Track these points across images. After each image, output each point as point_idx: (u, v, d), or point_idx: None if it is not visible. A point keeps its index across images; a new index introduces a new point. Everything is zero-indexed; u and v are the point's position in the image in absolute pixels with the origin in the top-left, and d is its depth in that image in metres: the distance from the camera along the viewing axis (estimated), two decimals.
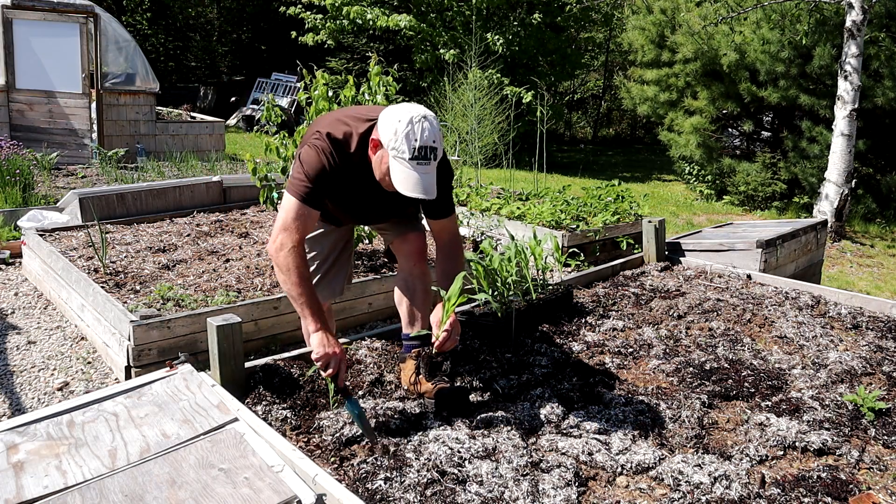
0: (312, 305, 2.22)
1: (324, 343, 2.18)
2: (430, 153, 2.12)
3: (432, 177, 2.15)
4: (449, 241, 2.51)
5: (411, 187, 2.12)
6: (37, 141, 9.13)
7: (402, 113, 2.13)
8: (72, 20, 9.44)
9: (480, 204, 6.22)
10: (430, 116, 2.16)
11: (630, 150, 18.81)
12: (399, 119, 2.12)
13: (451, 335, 2.27)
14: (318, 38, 14.12)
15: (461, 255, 2.52)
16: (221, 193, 6.37)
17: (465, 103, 8.37)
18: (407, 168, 2.12)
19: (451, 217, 2.50)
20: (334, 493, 1.76)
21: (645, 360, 2.89)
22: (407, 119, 2.11)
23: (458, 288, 2.27)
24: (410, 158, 2.10)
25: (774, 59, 9.49)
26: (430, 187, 2.13)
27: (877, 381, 2.71)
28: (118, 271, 4.36)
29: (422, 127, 2.10)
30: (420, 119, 2.11)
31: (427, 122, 2.12)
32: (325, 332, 2.20)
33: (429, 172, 2.13)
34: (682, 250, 4.47)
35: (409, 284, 2.66)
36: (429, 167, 2.13)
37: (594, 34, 19.39)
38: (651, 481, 2.03)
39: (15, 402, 3.26)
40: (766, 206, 10.24)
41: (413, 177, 2.11)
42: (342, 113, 2.41)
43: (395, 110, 2.16)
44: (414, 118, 2.11)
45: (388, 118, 2.15)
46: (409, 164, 2.11)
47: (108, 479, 1.80)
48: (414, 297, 2.65)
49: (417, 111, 2.14)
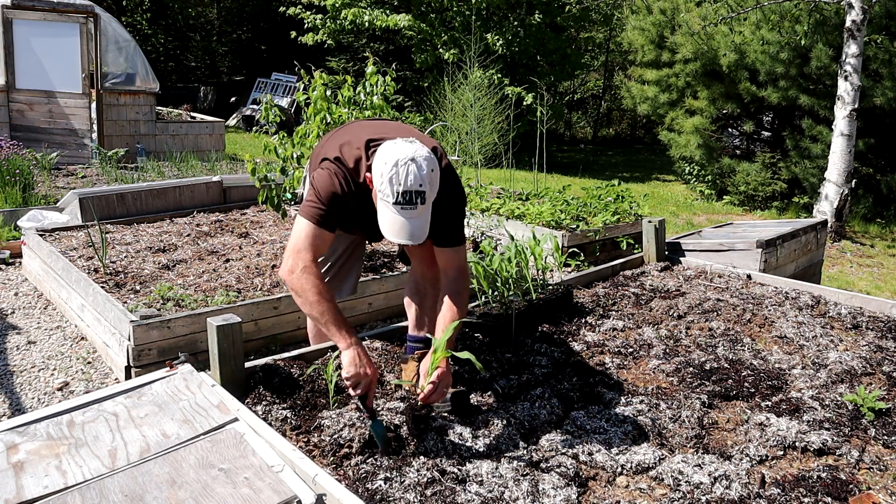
0: (337, 321, 2.14)
1: (356, 363, 2.09)
2: (416, 197, 2.01)
3: (420, 220, 2.06)
4: (454, 278, 2.36)
5: (395, 232, 2.05)
6: (37, 141, 9.13)
7: (389, 154, 2.04)
8: (72, 20, 9.44)
9: (480, 204, 6.21)
10: (420, 157, 2.03)
11: (630, 150, 18.81)
12: (385, 161, 2.03)
13: (438, 388, 2.14)
14: (317, 38, 14.13)
15: (465, 296, 2.37)
16: (221, 193, 6.37)
17: (464, 103, 8.37)
18: (391, 212, 2.04)
19: (457, 248, 2.36)
20: (334, 493, 1.76)
21: (645, 360, 2.89)
22: (392, 162, 2.01)
23: (444, 340, 2.14)
24: (394, 203, 2.02)
25: (774, 59, 9.49)
26: (416, 231, 2.05)
27: (877, 381, 2.71)
28: (118, 271, 4.36)
29: (407, 171, 2.00)
30: (406, 162, 2.00)
31: (414, 164, 2.01)
32: (356, 349, 2.11)
33: (415, 217, 2.04)
34: (682, 250, 4.47)
35: (419, 288, 2.64)
36: (414, 211, 2.03)
37: (594, 34, 19.39)
38: (651, 481, 2.03)
39: (15, 402, 3.26)
40: (766, 206, 10.24)
41: (398, 221, 2.04)
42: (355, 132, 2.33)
43: (386, 150, 2.07)
44: (400, 161, 2.01)
45: (378, 158, 2.07)
46: (393, 208, 2.03)
47: (108, 479, 1.80)
48: (423, 301, 2.63)
49: (405, 153, 2.02)
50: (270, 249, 4.89)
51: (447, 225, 2.31)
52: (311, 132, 4.31)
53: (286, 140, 4.47)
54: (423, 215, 2.06)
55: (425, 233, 2.08)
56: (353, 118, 4.39)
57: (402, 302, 4.19)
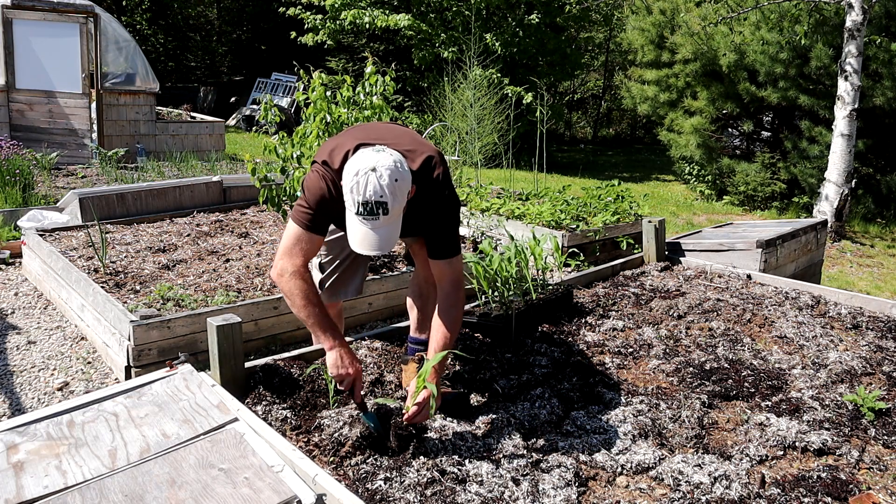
0: (322, 323, 2.17)
1: (338, 364, 2.15)
2: (378, 208, 1.96)
3: (385, 230, 2.01)
4: (448, 292, 2.30)
5: (358, 241, 2.02)
6: (37, 141, 9.13)
7: (354, 163, 2.01)
8: (72, 20, 9.44)
9: (480, 204, 6.21)
10: (383, 167, 1.97)
11: (630, 150, 18.81)
12: (349, 170, 2.00)
13: (423, 410, 2.13)
14: (317, 39, 14.12)
15: (458, 311, 2.30)
16: (221, 193, 6.37)
17: (464, 103, 8.37)
18: (355, 221, 2.02)
19: (450, 260, 2.29)
20: (334, 493, 1.76)
21: (645, 360, 2.89)
22: (354, 171, 1.98)
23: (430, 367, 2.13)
24: (356, 213, 2.00)
25: (774, 59, 9.49)
26: (381, 242, 2.00)
27: (877, 381, 2.71)
28: (118, 271, 4.36)
29: (367, 181, 1.95)
30: (366, 172, 1.96)
31: (374, 174, 1.95)
32: (339, 350, 2.15)
33: (379, 227, 1.99)
34: (682, 250, 4.47)
35: (422, 291, 2.63)
36: (377, 222, 1.98)
37: (594, 34, 19.39)
38: (651, 481, 2.03)
39: (15, 402, 3.26)
40: (766, 206, 10.24)
41: (360, 231, 2.01)
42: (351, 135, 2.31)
43: (354, 159, 2.04)
44: (361, 170, 1.97)
45: (347, 167, 2.04)
46: (356, 217, 2.01)
47: (108, 479, 1.80)
48: (426, 304, 2.62)
49: (367, 163, 1.98)
50: (270, 249, 4.89)
51: (439, 236, 2.27)
52: (310, 132, 4.31)
53: (286, 140, 4.47)
54: (388, 226, 2.01)
55: (391, 244, 2.04)
56: (352, 118, 4.39)
57: (402, 302, 4.21)
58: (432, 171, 2.21)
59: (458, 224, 2.35)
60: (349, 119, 4.37)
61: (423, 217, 2.23)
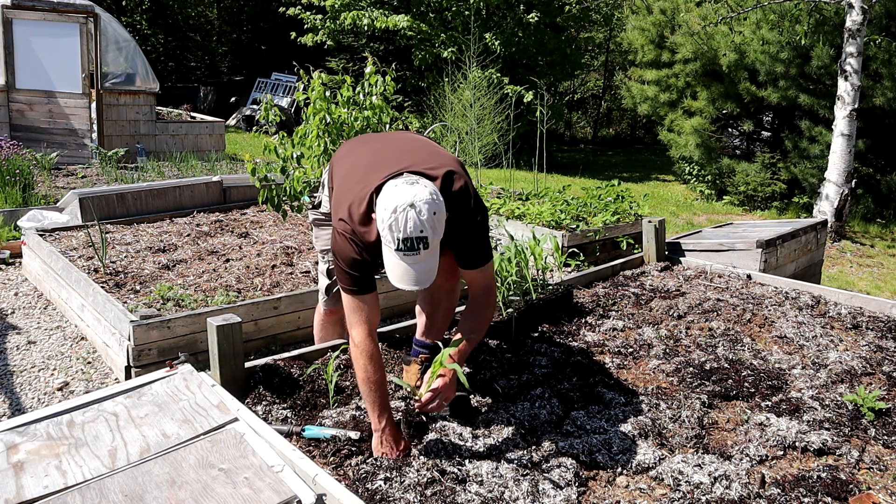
0: (373, 401, 2.13)
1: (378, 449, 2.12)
2: (419, 243, 1.95)
3: (425, 264, 2.00)
4: (480, 294, 2.34)
5: (399, 277, 2.01)
6: (37, 141, 9.13)
7: (388, 200, 1.97)
8: (72, 20, 9.44)
9: None
10: (420, 201, 1.94)
11: (630, 150, 18.81)
12: (384, 207, 1.97)
13: (438, 398, 2.15)
14: (317, 39, 14.12)
15: (487, 314, 2.34)
16: (221, 193, 6.37)
17: (464, 103, 8.37)
18: (395, 258, 1.99)
19: (482, 268, 2.30)
20: (334, 493, 1.76)
21: (645, 360, 2.89)
22: (391, 208, 1.95)
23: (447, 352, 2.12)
24: (396, 250, 1.97)
25: (774, 59, 9.49)
26: (422, 276, 2.00)
27: (877, 381, 2.71)
28: (118, 271, 4.36)
29: (406, 217, 1.93)
30: (405, 209, 1.93)
31: (413, 210, 1.93)
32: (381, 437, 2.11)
33: (419, 262, 1.98)
34: (682, 250, 4.47)
35: (434, 297, 2.61)
36: (418, 256, 1.97)
37: (594, 34, 19.38)
38: (651, 481, 2.03)
39: (15, 402, 3.26)
40: (766, 206, 10.24)
41: (401, 266, 1.99)
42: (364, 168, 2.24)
43: (386, 195, 1.99)
44: (399, 207, 1.94)
45: (379, 204, 2.01)
46: (395, 254, 1.98)
47: (108, 479, 1.80)
48: (436, 311, 2.60)
49: (404, 198, 1.94)
50: (270, 249, 4.89)
51: (469, 246, 2.26)
52: (310, 132, 4.32)
53: (286, 140, 4.47)
54: (428, 260, 2.01)
55: (432, 277, 2.03)
56: (352, 118, 4.39)
57: (403, 302, 4.21)
58: (454, 184, 2.18)
59: (486, 230, 2.33)
60: (349, 119, 4.37)
61: (453, 230, 2.17)
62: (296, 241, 5.12)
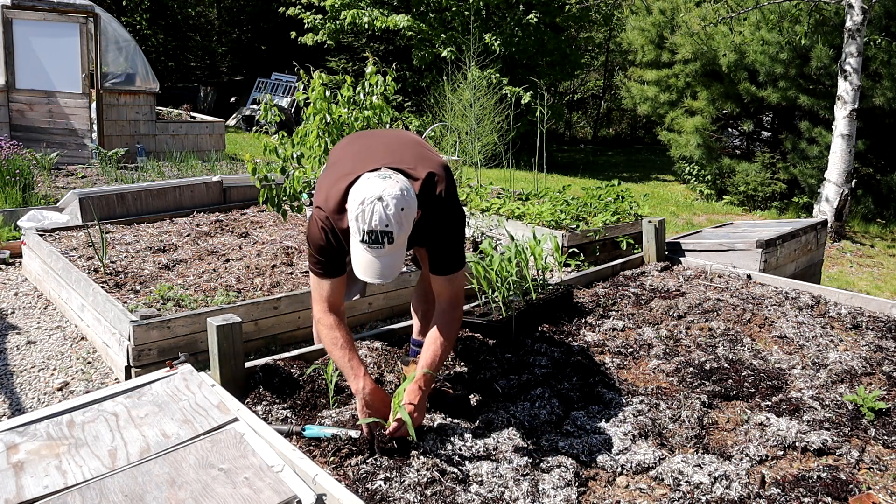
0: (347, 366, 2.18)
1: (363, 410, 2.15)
2: (383, 237, 1.95)
3: (390, 259, 2.00)
4: (444, 309, 2.30)
5: (362, 268, 2.01)
6: (37, 141, 9.13)
7: (359, 191, 1.99)
8: (72, 20, 9.44)
9: (480, 204, 6.21)
10: (389, 196, 1.95)
11: (630, 150, 18.81)
12: (354, 198, 1.99)
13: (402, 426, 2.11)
14: (317, 39, 14.13)
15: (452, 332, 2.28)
16: (221, 193, 6.37)
17: (464, 103, 8.37)
18: (360, 249, 2.00)
19: (451, 277, 2.27)
20: (334, 493, 1.76)
21: (645, 360, 2.89)
22: (360, 199, 1.96)
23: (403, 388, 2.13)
24: (361, 241, 1.98)
25: (774, 59, 9.49)
26: (385, 270, 2.00)
27: (877, 381, 2.71)
28: (118, 271, 4.36)
29: (372, 210, 1.94)
30: (373, 201, 1.94)
31: (380, 204, 1.94)
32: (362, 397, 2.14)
33: (383, 256, 1.99)
34: (682, 250, 4.47)
35: (428, 296, 2.61)
36: (382, 250, 1.98)
37: (594, 34, 19.38)
38: (651, 481, 2.03)
39: (15, 402, 3.26)
40: (766, 206, 10.24)
41: (366, 258, 1.99)
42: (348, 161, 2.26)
43: (358, 186, 2.02)
44: (367, 199, 1.95)
45: (352, 192, 2.03)
46: (360, 245, 1.99)
47: (108, 479, 1.80)
48: (430, 308, 2.59)
49: (373, 191, 1.96)
50: (270, 249, 4.89)
51: (441, 251, 2.25)
52: (310, 132, 4.32)
53: (286, 140, 4.47)
54: (392, 254, 2.01)
55: (396, 272, 2.04)
56: (352, 118, 4.39)
57: (403, 302, 4.21)
58: (434, 188, 2.17)
59: (461, 239, 2.31)
60: (349, 119, 4.37)
61: (426, 232, 2.20)
62: (296, 241, 5.12)
